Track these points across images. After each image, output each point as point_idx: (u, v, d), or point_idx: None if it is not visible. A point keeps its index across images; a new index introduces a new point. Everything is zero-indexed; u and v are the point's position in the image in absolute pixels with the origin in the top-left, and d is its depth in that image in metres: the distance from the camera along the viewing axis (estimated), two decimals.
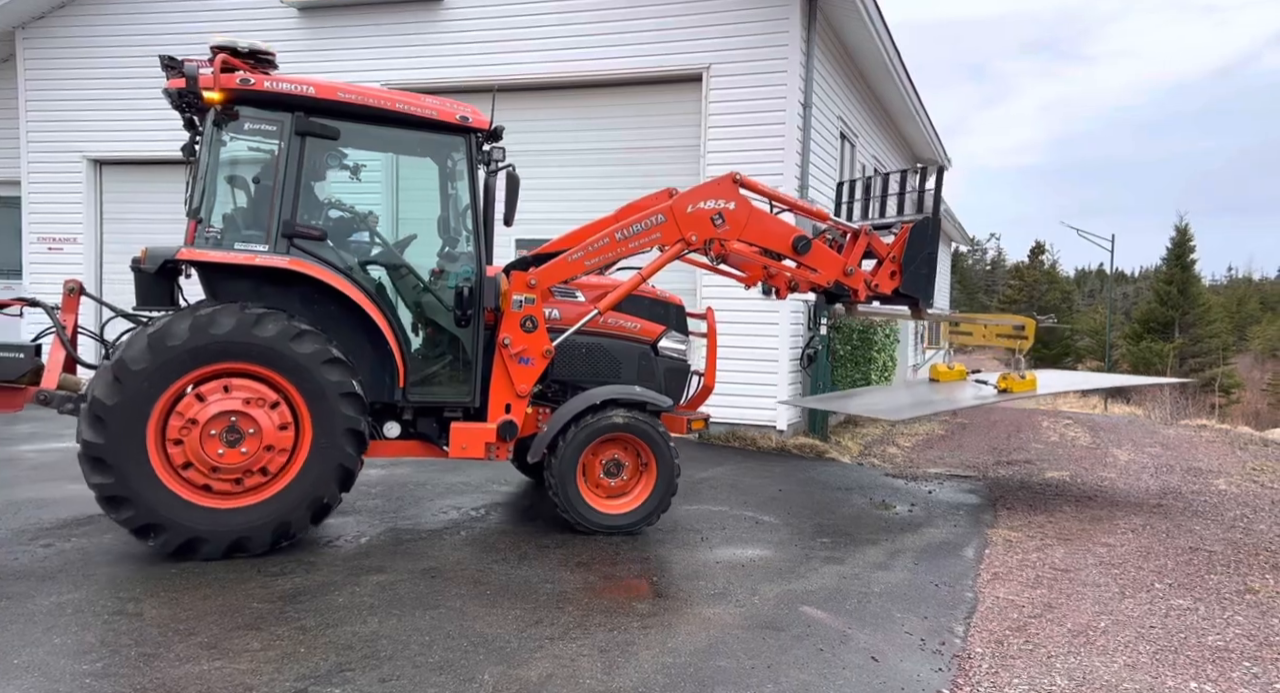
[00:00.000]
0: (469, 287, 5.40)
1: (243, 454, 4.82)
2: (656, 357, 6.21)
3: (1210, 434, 12.32)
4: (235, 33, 11.40)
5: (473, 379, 5.51)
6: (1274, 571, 5.35)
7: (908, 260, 6.59)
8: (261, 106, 5.02)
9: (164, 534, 4.76)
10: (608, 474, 5.73)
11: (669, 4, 9.72)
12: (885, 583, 4.89)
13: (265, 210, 5.09)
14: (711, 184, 6.03)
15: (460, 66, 10.47)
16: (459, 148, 5.50)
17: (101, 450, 4.61)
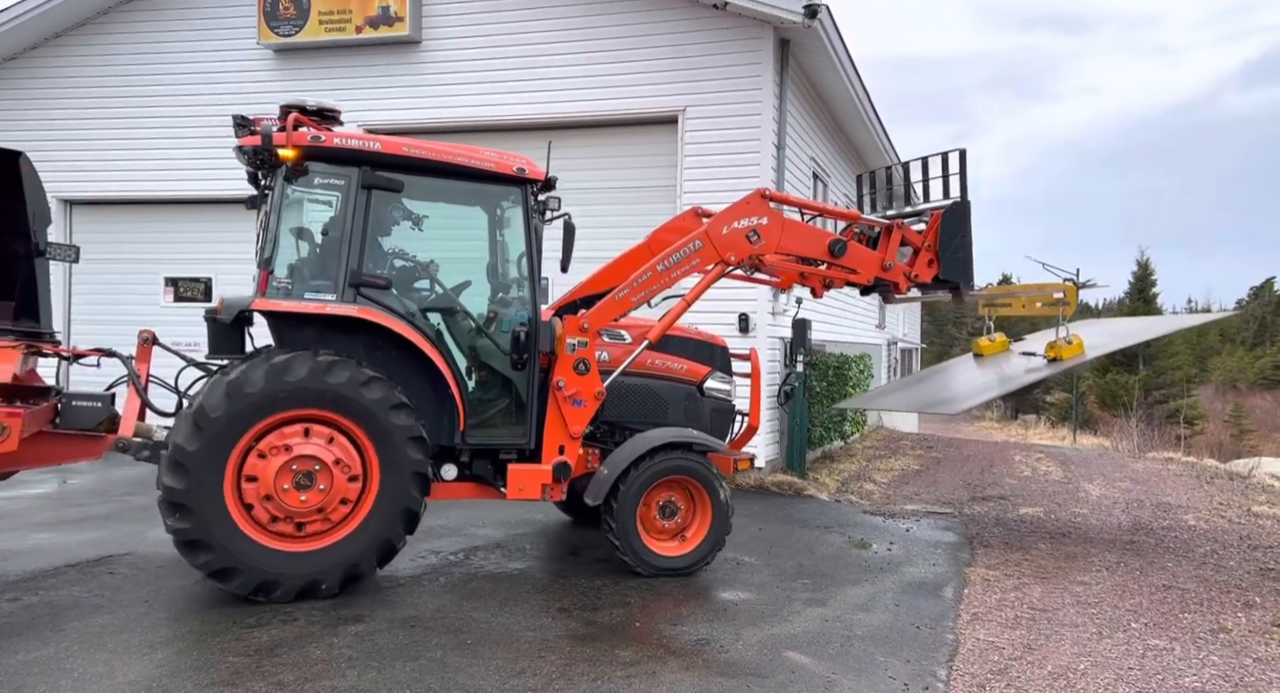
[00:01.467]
0: (525, 331, 5.56)
1: (317, 495, 4.93)
2: (703, 397, 6.36)
3: (1177, 468, 12.54)
4: (210, 74, 11.46)
5: (528, 421, 5.65)
6: (1246, 609, 5.43)
7: (943, 247, 6.66)
8: (330, 162, 5.25)
9: (239, 577, 4.84)
10: (663, 516, 5.79)
11: (645, 47, 9.90)
12: (867, 626, 4.90)
13: (331, 260, 5.29)
14: (742, 203, 6.18)
15: (438, 108, 10.56)
16: (515, 197, 5.72)
17: (182, 496, 4.72)
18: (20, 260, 5.45)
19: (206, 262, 11.63)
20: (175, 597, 5.16)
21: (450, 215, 6.12)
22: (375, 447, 5.04)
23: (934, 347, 53.80)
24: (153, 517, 7.23)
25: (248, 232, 11.41)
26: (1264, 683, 4.24)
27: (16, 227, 5.34)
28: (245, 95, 11.16)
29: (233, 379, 4.80)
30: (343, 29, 10.66)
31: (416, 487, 5.16)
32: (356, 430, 5.01)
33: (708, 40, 9.70)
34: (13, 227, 5.34)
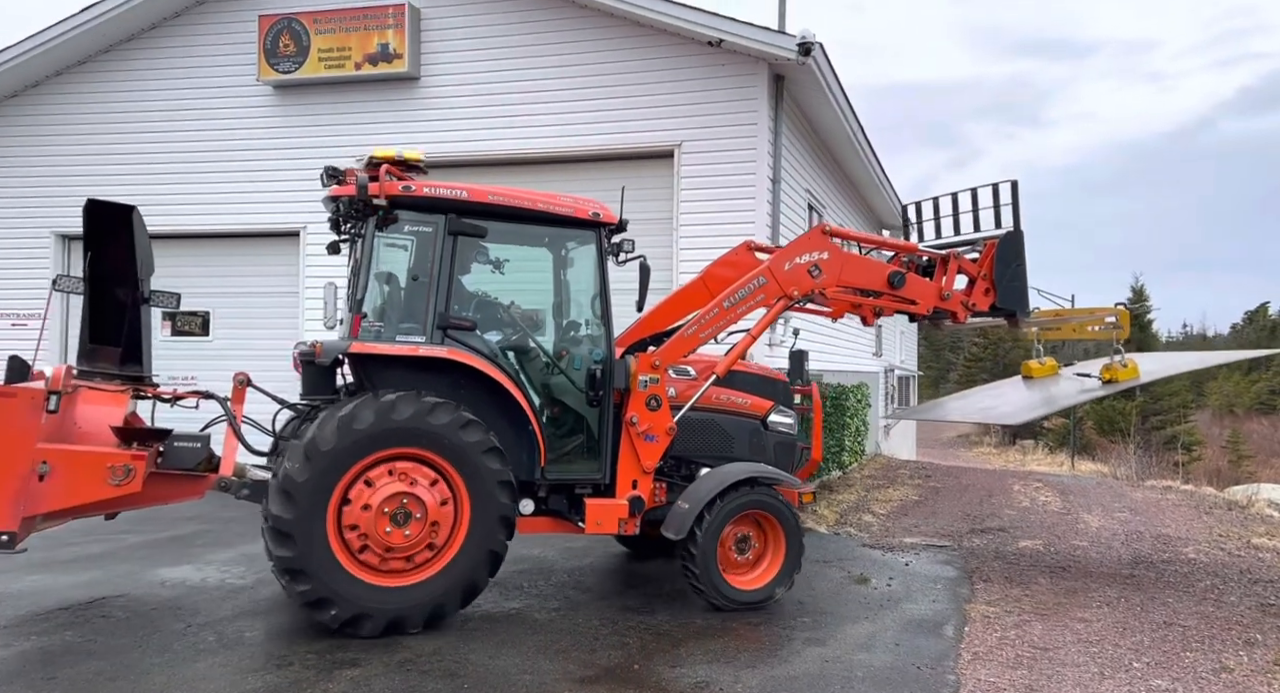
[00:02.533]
0: (600, 369, 5.74)
1: (412, 532, 5.05)
2: (766, 431, 6.47)
3: (1176, 497, 12.51)
4: (210, 110, 11.57)
5: (604, 457, 5.80)
6: (1247, 647, 5.40)
7: (999, 275, 6.83)
8: (419, 210, 5.46)
9: (333, 609, 4.94)
10: (738, 550, 5.89)
11: (642, 83, 10.02)
12: (868, 667, 4.86)
13: (417, 303, 5.48)
14: (803, 239, 6.44)
15: (437, 143, 10.61)
16: (590, 240, 5.93)
17: (288, 524, 4.84)
18: (127, 308, 5.65)
19: (205, 296, 11.64)
20: (169, 641, 5.10)
21: (527, 258, 6.30)
22: (467, 488, 5.18)
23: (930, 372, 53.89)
24: (147, 557, 7.20)
25: (245, 266, 11.51)
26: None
27: (125, 276, 5.58)
28: (245, 131, 11.27)
29: (344, 415, 4.95)
30: (342, 66, 10.78)
31: (503, 530, 5.30)
32: (451, 471, 5.16)
33: (704, 76, 9.82)
34: (122, 276, 5.57)
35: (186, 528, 8.59)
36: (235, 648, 4.98)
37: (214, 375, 11.56)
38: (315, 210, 11.05)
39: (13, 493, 4.43)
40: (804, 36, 9.10)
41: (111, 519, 5.92)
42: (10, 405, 4.47)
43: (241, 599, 5.99)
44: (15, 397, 4.52)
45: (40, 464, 4.49)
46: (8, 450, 4.45)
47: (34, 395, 4.53)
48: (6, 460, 4.44)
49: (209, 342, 11.67)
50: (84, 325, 5.54)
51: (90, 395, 5.21)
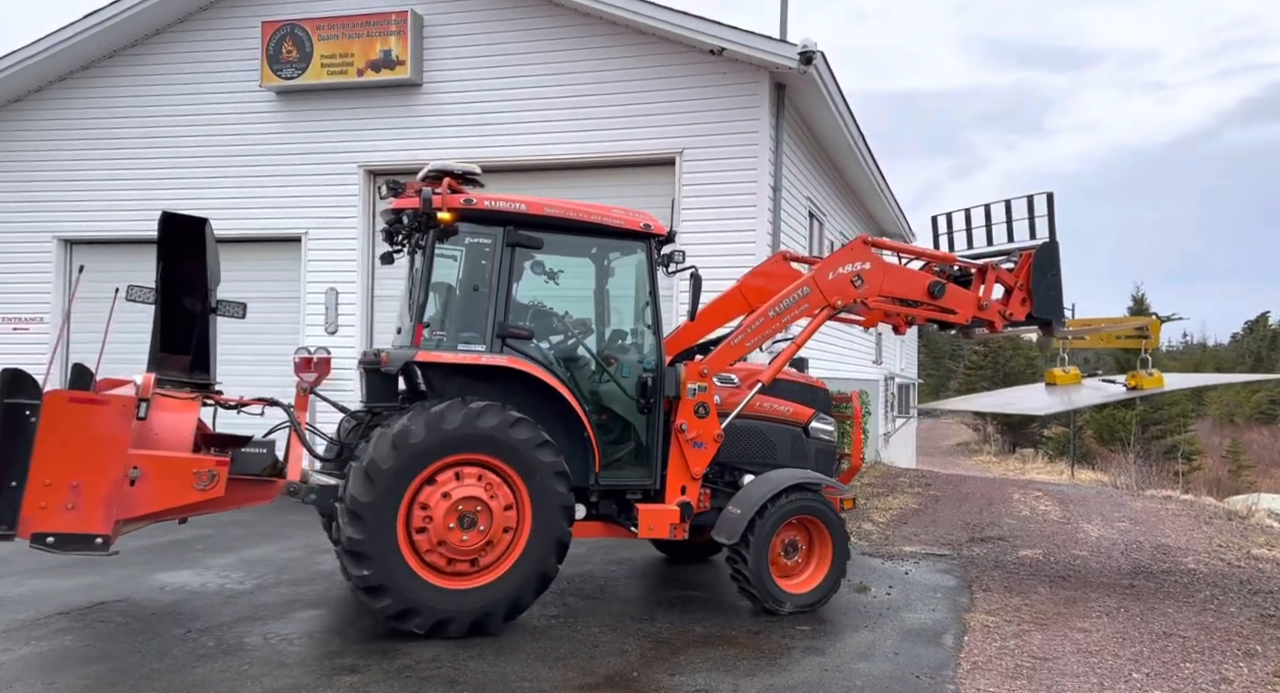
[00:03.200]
0: (651, 377, 5.90)
1: (479, 534, 5.16)
2: (808, 438, 6.60)
3: (1176, 507, 12.50)
4: (213, 115, 11.62)
5: (654, 463, 5.95)
6: (1247, 658, 5.39)
7: (1035, 286, 6.99)
8: (479, 222, 5.60)
9: (417, 618, 5.07)
10: (786, 555, 6.00)
11: (644, 91, 10.06)
12: (867, 676, 4.86)
13: (475, 313, 5.64)
14: (846, 250, 6.59)
15: (438, 149, 10.64)
16: (640, 251, 6.07)
17: (361, 545, 4.95)
18: (196, 317, 5.80)
19: None
20: (168, 646, 5.10)
21: (579, 268, 6.44)
22: (525, 484, 5.30)
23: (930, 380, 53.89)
24: (147, 562, 7.19)
25: (247, 271, 11.52)
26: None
27: (196, 286, 5.68)
28: (248, 137, 11.31)
29: (397, 432, 5.04)
30: (345, 72, 10.81)
31: (564, 519, 5.42)
32: (508, 470, 5.27)
33: (705, 84, 9.85)
34: (193, 286, 5.67)
35: (186, 533, 8.58)
36: (234, 654, 4.98)
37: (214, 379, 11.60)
38: (317, 216, 11.16)
39: (106, 497, 4.53)
40: (805, 45, 9.14)
41: (183, 524, 5.96)
42: (104, 413, 4.55)
43: (241, 605, 5.99)
44: (108, 404, 4.61)
45: (131, 469, 4.61)
46: (102, 456, 4.55)
47: (125, 403, 4.62)
48: (101, 466, 4.54)
49: None
50: (155, 334, 5.65)
51: (164, 403, 5.28)
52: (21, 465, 4.36)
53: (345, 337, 10.95)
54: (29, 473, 4.34)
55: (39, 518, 4.37)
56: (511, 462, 5.25)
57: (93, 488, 4.47)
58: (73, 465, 4.42)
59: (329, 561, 7.36)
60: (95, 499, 4.49)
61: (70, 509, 4.42)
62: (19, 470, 4.35)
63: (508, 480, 5.28)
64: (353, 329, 10.94)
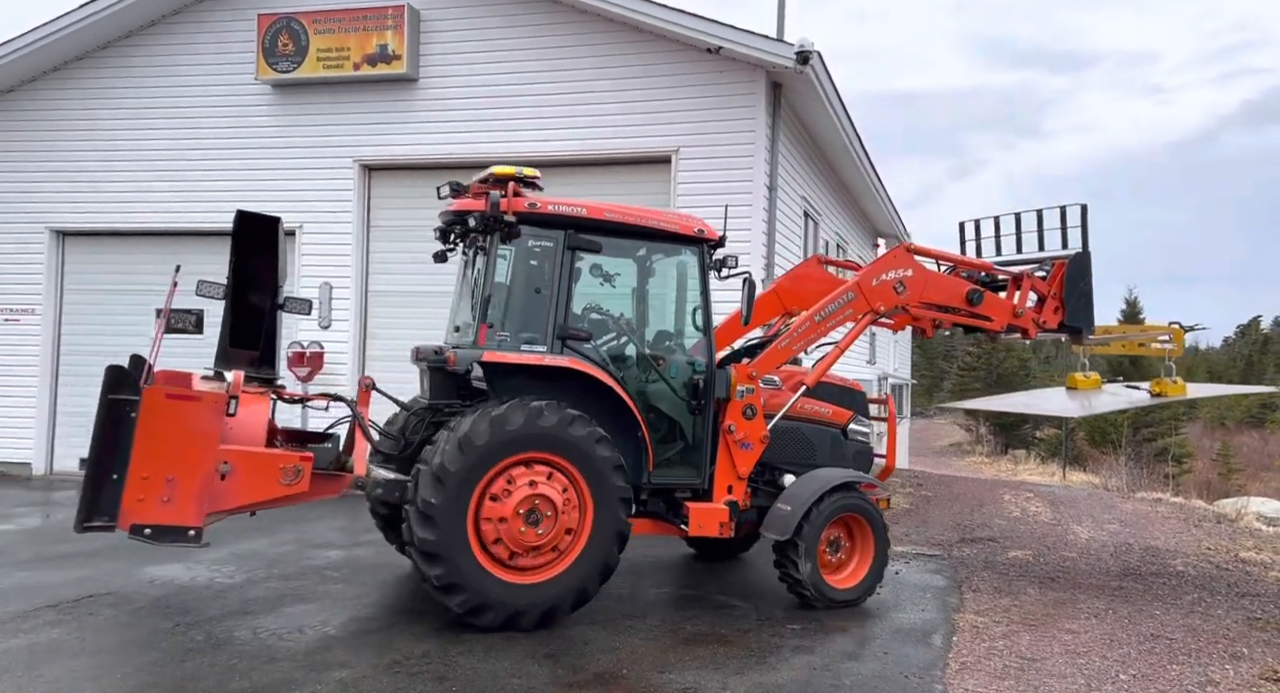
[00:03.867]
0: (702, 379, 6.06)
1: (545, 529, 5.30)
2: (846, 440, 6.82)
3: (1166, 509, 12.56)
4: (208, 108, 11.56)
5: (703, 462, 6.09)
6: (1233, 660, 5.42)
7: (1068, 294, 7.20)
8: (542, 225, 5.73)
9: (490, 613, 5.20)
10: (830, 551, 6.18)
11: (640, 89, 10.04)
12: (855, 675, 4.87)
13: (535, 314, 5.76)
14: (888, 256, 6.78)
15: (434, 144, 10.67)
16: (693, 255, 6.23)
17: (433, 545, 5.07)
18: (265, 314, 5.89)
19: None
20: (157, 640, 5.10)
21: (634, 271, 6.59)
22: (586, 480, 5.44)
23: (924, 380, 54.00)
24: (137, 555, 7.17)
25: None
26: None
27: (266, 283, 5.78)
28: (243, 130, 11.26)
29: (463, 434, 5.15)
30: (341, 66, 10.77)
31: (624, 510, 5.57)
32: (570, 467, 5.41)
33: (702, 83, 9.84)
34: (264, 283, 5.77)
35: None
36: (224, 648, 4.97)
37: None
38: (312, 210, 11.12)
39: (199, 491, 4.61)
40: (802, 45, 9.14)
41: (252, 515, 6.04)
42: (196, 409, 4.63)
43: (231, 599, 5.98)
44: (202, 401, 4.69)
45: (222, 464, 4.70)
46: (195, 451, 4.64)
47: (217, 399, 4.71)
48: (194, 461, 4.63)
49: (202, 339, 11.62)
50: (224, 329, 5.71)
51: (240, 398, 5.37)
52: (122, 460, 4.44)
53: (339, 331, 10.92)
54: (129, 467, 4.42)
55: (137, 510, 4.44)
56: (573, 459, 5.39)
57: (186, 482, 4.56)
58: (168, 460, 4.50)
59: (320, 555, 7.36)
60: (189, 493, 4.57)
61: (165, 502, 4.51)
62: (120, 464, 4.43)
63: (570, 477, 5.42)
64: (346, 324, 10.91)
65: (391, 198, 11.05)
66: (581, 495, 5.45)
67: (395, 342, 10.91)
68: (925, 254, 6.95)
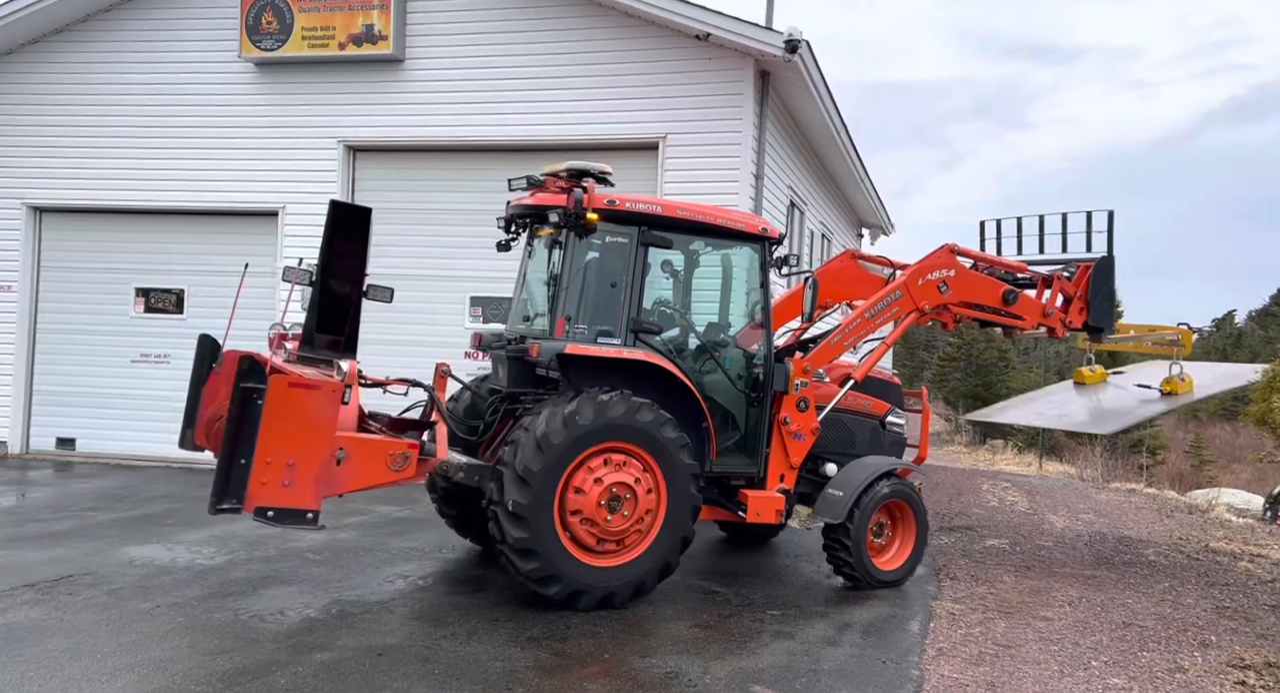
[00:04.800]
0: (761, 371, 6.32)
1: (623, 518, 5.52)
2: (884, 431, 7.12)
3: (1139, 500, 12.76)
4: (190, 85, 11.39)
5: (760, 452, 6.34)
6: (1202, 648, 5.54)
7: (1093, 296, 7.59)
8: (618, 222, 5.88)
9: (557, 586, 5.38)
10: (875, 534, 6.46)
11: (629, 74, 9.99)
12: (834, 660, 4.94)
13: (607, 307, 5.92)
14: (933, 256, 7.04)
15: (420, 126, 10.58)
16: (756, 252, 6.46)
17: (524, 509, 5.25)
18: (351, 301, 5.96)
19: (180, 273, 11.48)
20: (136, 620, 5.08)
21: (700, 266, 6.80)
22: (657, 460, 5.63)
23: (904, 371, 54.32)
24: (117, 535, 7.13)
25: (222, 244, 11.36)
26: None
27: (354, 272, 5.92)
28: (226, 108, 11.11)
29: (540, 434, 5.32)
30: (326, 45, 10.64)
31: (694, 485, 5.78)
32: (640, 451, 5.61)
33: (690, 70, 9.81)
34: (352, 272, 5.92)
35: (157, 507, 8.53)
36: (204, 630, 4.97)
37: (189, 355, 11.43)
38: (295, 190, 11.01)
39: (317, 476, 4.77)
40: (790, 34, 9.12)
41: (339, 497, 6.09)
42: (316, 397, 4.74)
43: (211, 580, 5.97)
44: (320, 389, 4.79)
45: (339, 450, 4.86)
46: (314, 437, 4.77)
47: (335, 388, 4.85)
48: (313, 446, 4.76)
49: (183, 320, 11.53)
50: (311, 315, 5.82)
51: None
52: (249, 445, 4.59)
53: None
54: (254, 452, 4.58)
55: (261, 493, 4.59)
56: (644, 444, 5.59)
57: (306, 466, 4.71)
58: (290, 446, 4.65)
59: (302, 537, 7.34)
60: (308, 477, 4.72)
61: (286, 486, 4.66)
62: (247, 449, 4.58)
63: (643, 462, 5.63)
64: None
65: (377, 180, 10.95)
66: (655, 477, 5.66)
67: (378, 325, 10.86)
68: (965, 254, 7.27)
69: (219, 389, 5.50)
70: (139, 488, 9.49)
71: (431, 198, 10.69)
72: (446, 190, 10.65)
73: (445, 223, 10.66)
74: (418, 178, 10.83)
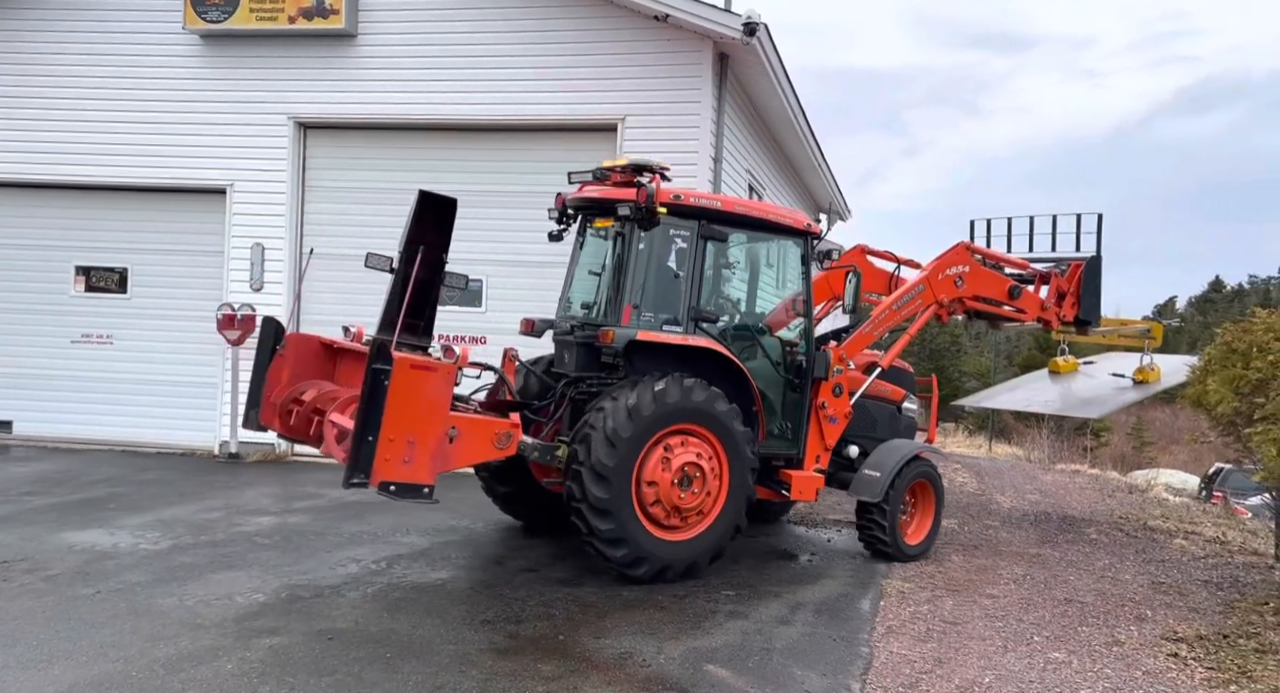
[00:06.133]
0: (804, 359, 6.71)
1: (695, 492, 5.89)
2: (900, 415, 7.59)
3: (1083, 480, 13.13)
4: (133, 57, 11.00)
5: (800, 435, 6.75)
6: (1138, 622, 5.73)
7: (1084, 293, 8.26)
8: (680, 216, 6.14)
9: (645, 566, 5.75)
10: (900, 512, 6.88)
11: (587, 54, 9.89)
12: (786, 638, 5.00)
13: (668, 297, 6.24)
14: (950, 253, 7.61)
15: (372, 103, 10.36)
16: (800, 246, 6.87)
17: (606, 503, 5.57)
18: (432, 288, 6.13)
19: (122, 251, 11.13)
20: (75, 606, 4.95)
21: (748, 258, 7.20)
22: (725, 450, 6.02)
23: None
24: (55, 520, 6.93)
25: (167, 222, 11.03)
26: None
27: (436, 259, 6.07)
28: (170, 81, 10.76)
29: (631, 404, 5.66)
30: (275, 19, 10.34)
31: (751, 476, 6.20)
32: (712, 437, 5.97)
33: (649, 51, 9.74)
34: (434, 259, 6.05)
35: (98, 491, 8.30)
36: (147, 615, 4.86)
37: (133, 335, 11.13)
38: (244, 167, 10.74)
39: (433, 452, 5.01)
40: (749, 16, 9.10)
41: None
42: (434, 378, 4.99)
43: (156, 566, 5.83)
44: (438, 371, 5.02)
45: (451, 429, 5.13)
46: (432, 417, 5.01)
47: (449, 371, 5.09)
48: (431, 425, 5.01)
49: (126, 299, 11.19)
50: (392, 300, 5.95)
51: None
52: (376, 423, 4.81)
53: (271, 294, 10.59)
54: (380, 430, 4.80)
55: (384, 469, 4.82)
56: (716, 430, 5.96)
57: (423, 444, 4.96)
58: (410, 424, 4.90)
59: (251, 522, 7.21)
60: (425, 454, 4.97)
61: (406, 462, 4.90)
62: (375, 428, 4.80)
63: (711, 447, 5.99)
64: (280, 287, 10.59)
65: (329, 158, 10.71)
66: (720, 463, 6.01)
67: (330, 306, 10.66)
68: (979, 253, 7.97)
69: (283, 371, 5.92)
70: (79, 472, 9.22)
71: (385, 177, 10.49)
72: (401, 169, 10.46)
73: (400, 203, 10.36)
74: (371, 157, 10.62)
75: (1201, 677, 4.77)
